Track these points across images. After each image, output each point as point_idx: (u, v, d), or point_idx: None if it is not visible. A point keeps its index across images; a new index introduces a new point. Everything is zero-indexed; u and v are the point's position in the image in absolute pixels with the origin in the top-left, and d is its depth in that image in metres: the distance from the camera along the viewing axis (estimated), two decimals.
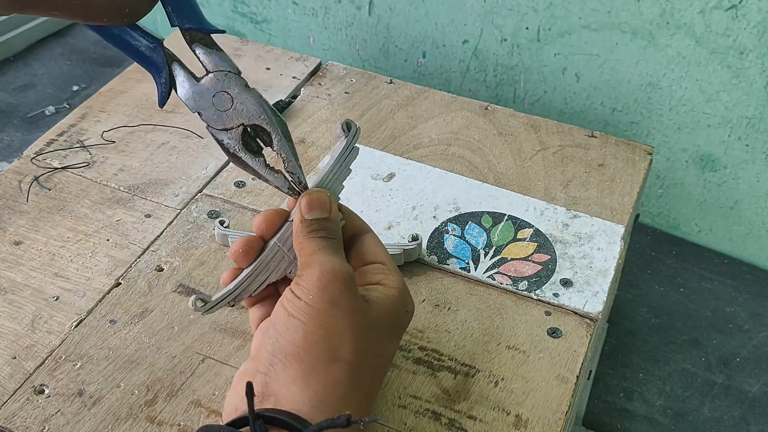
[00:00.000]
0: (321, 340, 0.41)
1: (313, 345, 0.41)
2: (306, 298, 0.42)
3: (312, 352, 0.41)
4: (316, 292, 0.42)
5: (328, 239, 0.46)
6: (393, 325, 0.46)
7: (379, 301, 0.45)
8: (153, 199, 0.67)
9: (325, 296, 0.42)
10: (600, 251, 0.63)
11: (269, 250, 0.47)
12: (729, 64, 0.85)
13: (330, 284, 0.42)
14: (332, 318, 0.42)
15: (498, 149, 0.73)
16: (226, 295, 0.47)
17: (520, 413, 0.52)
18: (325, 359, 0.41)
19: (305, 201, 0.47)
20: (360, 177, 0.70)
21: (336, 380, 0.41)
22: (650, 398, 0.83)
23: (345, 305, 0.42)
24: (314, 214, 0.46)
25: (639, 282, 0.95)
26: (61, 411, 0.51)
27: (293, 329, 0.42)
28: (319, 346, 0.41)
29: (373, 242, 0.49)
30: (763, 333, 0.90)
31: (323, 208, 0.47)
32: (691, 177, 0.96)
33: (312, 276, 0.43)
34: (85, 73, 1.19)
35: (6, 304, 0.58)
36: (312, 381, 0.41)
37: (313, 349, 0.41)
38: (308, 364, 0.41)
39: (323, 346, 0.41)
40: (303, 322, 0.42)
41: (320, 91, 0.81)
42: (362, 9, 1.04)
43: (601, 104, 0.96)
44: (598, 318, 0.58)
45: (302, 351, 0.41)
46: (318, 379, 0.41)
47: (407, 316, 0.48)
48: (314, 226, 0.46)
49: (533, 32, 0.94)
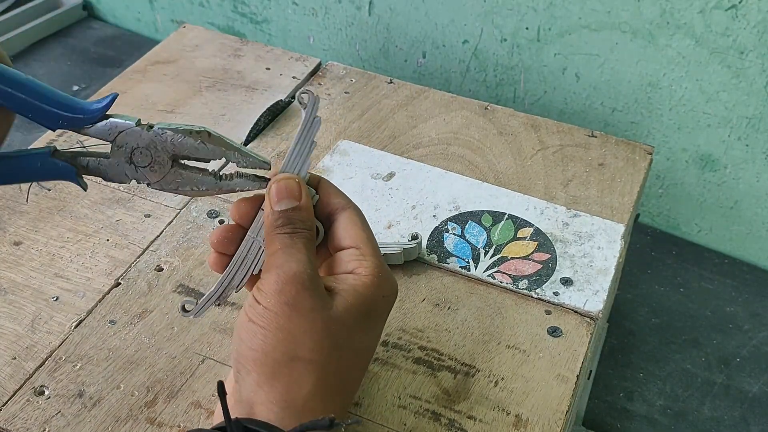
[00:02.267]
0: (280, 343, 0.41)
1: (272, 348, 0.41)
2: (264, 302, 0.42)
3: (272, 354, 0.41)
4: (273, 296, 0.42)
5: (292, 235, 0.44)
6: (365, 314, 0.44)
7: (347, 293, 0.43)
8: (152, 199, 0.67)
9: (281, 299, 0.41)
10: (600, 250, 0.63)
11: (245, 242, 0.46)
12: (729, 64, 0.85)
13: (286, 286, 0.42)
14: (289, 320, 0.41)
15: (498, 149, 0.73)
16: (211, 296, 0.47)
17: (520, 413, 0.52)
18: (285, 360, 0.41)
19: (273, 191, 0.45)
20: (360, 176, 0.70)
21: (299, 380, 0.41)
22: (650, 398, 0.83)
23: (302, 306, 0.42)
24: (283, 204, 0.44)
25: (639, 282, 0.95)
26: (61, 412, 0.51)
27: (253, 334, 0.42)
28: (278, 349, 0.41)
29: (349, 222, 0.46)
30: (763, 333, 0.90)
31: (292, 196, 0.44)
32: (691, 177, 0.96)
33: (269, 280, 0.42)
34: (85, 73, 1.19)
35: (6, 305, 0.58)
36: (276, 383, 0.41)
37: (273, 351, 0.41)
38: (270, 367, 0.41)
39: (283, 348, 0.41)
40: (262, 327, 0.41)
41: (320, 91, 0.81)
42: (362, 9, 1.04)
43: (601, 104, 0.96)
44: (598, 317, 0.58)
45: (263, 355, 0.41)
46: (281, 381, 0.41)
47: (385, 301, 0.46)
48: (280, 221, 0.44)
49: (533, 32, 0.94)
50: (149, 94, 0.79)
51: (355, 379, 0.46)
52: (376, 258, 0.45)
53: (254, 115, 0.75)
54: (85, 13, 1.33)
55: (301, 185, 0.45)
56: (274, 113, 0.77)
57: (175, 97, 0.79)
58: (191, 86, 0.81)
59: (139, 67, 0.84)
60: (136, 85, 0.81)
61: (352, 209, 0.47)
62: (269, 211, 0.44)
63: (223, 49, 0.86)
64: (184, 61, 0.85)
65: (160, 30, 1.29)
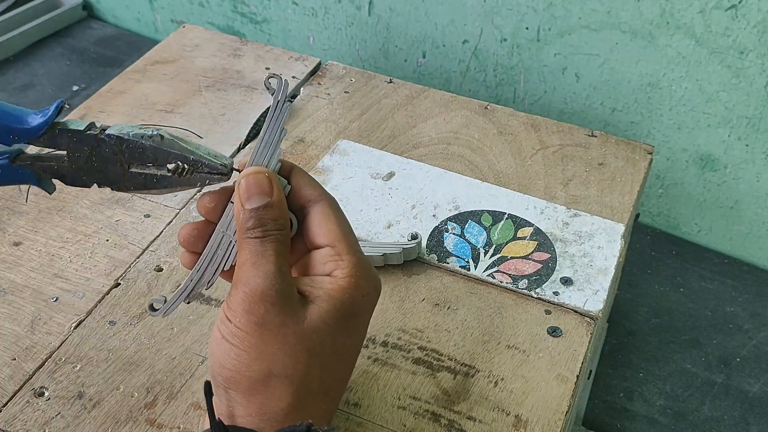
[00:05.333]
0: (253, 362, 0.40)
1: (246, 367, 0.40)
2: (235, 321, 0.40)
3: (246, 373, 0.40)
4: (242, 315, 0.40)
5: (263, 240, 0.42)
6: (344, 317, 0.42)
7: (322, 301, 0.42)
8: (152, 199, 0.67)
9: (251, 318, 0.40)
10: (600, 250, 0.63)
11: (213, 238, 0.44)
12: (729, 64, 0.85)
13: (254, 306, 0.40)
14: (261, 339, 0.40)
15: (498, 148, 0.73)
16: (180, 294, 0.45)
17: (519, 413, 0.51)
18: (261, 379, 0.40)
19: (243, 187, 0.42)
20: (360, 176, 0.70)
21: (277, 395, 0.40)
22: (650, 398, 0.83)
23: (272, 323, 0.40)
24: (254, 201, 0.41)
25: (639, 282, 0.95)
26: (61, 414, 0.51)
27: (226, 353, 0.40)
28: (252, 368, 0.40)
29: (323, 217, 0.43)
30: (763, 333, 0.90)
31: (262, 191, 0.42)
32: (691, 177, 0.96)
33: (237, 298, 0.41)
34: (85, 73, 1.19)
35: (5, 305, 0.58)
36: (253, 400, 0.40)
37: (247, 370, 0.40)
38: (245, 385, 0.40)
39: (257, 367, 0.40)
40: (234, 346, 0.40)
41: (320, 90, 0.81)
42: (362, 9, 1.04)
43: (601, 104, 0.96)
44: (598, 316, 0.58)
45: (237, 374, 0.40)
46: (258, 398, 0.40)
47: (365, 301, 0.43)
48: (250, 222, 0.41)
49: (533, 32, 0.94)
50: (149, 94, 0.79)
51: (341, 379, 0.44)
52: (353, 256, 0.43)
53: (254, 114, 0.75)
54: (85, 13, 1.33)
55: (272, 179, 0.42)
56: None
57: (174, 96, 0.79)
58: (191, 86, 0.81)
59: (138, 67, 0.83)
60: (135, 85, 0.81)
61: (326, 201, 0.44)
62: (239, 209, 0.42)
63: (223, 49, 0.86)
64: (183, 61, 0.85)
65: (159, 30, 1.29)
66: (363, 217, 0.65)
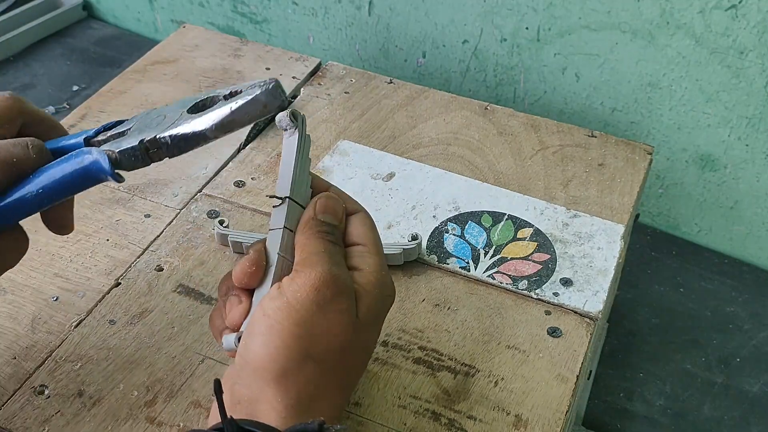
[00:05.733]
0: (296, 341, 0.40)
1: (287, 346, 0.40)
2: (291, 295, 0.41)
3: (285, 352, 0.40)
4: (305, 291, 0.41)
5: (335, 245, 0.45)
6: (376, 315, 0.45)
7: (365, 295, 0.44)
8: (152, 199, 0.67)
9: (313, 296, 0.41)
10: (600, 250, 0.63)
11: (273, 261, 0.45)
12: (729, 64, 0.85)
13: (324, 286, 0.41)
14: (312, 317, 0.41)
15: (498, 149, 0.73)
16: None
17: (520, 413, 0.51)
18: (298, 359, 0.40)
19: (321, 203, 0.46)
20: (360, 177, 0.70)
21: (309, 380, 0.41)
22: (650, 398, 0.83)
23: (333, 308, 0.41)
24: (327, 218, 0.46)
25: (639, 282, 0.95)
26: (61, 411, 0.51)
27: (269, 329, 0.40)
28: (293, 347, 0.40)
29: (361, 223, 0.47)
30: (763, 333, 0.90)
31: (335, 216, 0.46)
32: (691, 177, 0.96)
33: (309, 275, 0.42)
34: (85, 73, 1.19)
35: (6, 305, 0.58)
36: (284, 382, 0.40)
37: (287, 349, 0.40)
38: (281, 364, 0.40)
39: (298, 346, 0.40)
40: (278, 322, 0.40)
41: (320, 91, 0.81)
42: (362, 9, 1.04)
43: (601, 104, 0.96)
44: (598, 317, 0.58)
45: (275, 351, 0.40)
46: (290, 380, 0.40)
47: (389, 301, 0.46)
48: (324, 227, 0.45)
49: (533, 32, 0.94)
50: (149, 93, 0.79)
51: (356, 375, 0.46)
52: (379, 257, 0.46)
53: None
54: (85, 13, 1.33)
55: (343, 211, 0.47)
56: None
57: (175, 96, 0.79)
58: (191, 86, 0.81)
59: (138, 67, 0.84)
60: (135, 84, 0.81)
61: (365, 212, 0.48)
62: (312, 215, 0.46)
63: (223, 49, 0.87)
64: (184, 61, 0.85)
65: (160, 30, 1.29)
66: None
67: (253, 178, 0.69)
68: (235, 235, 0.62)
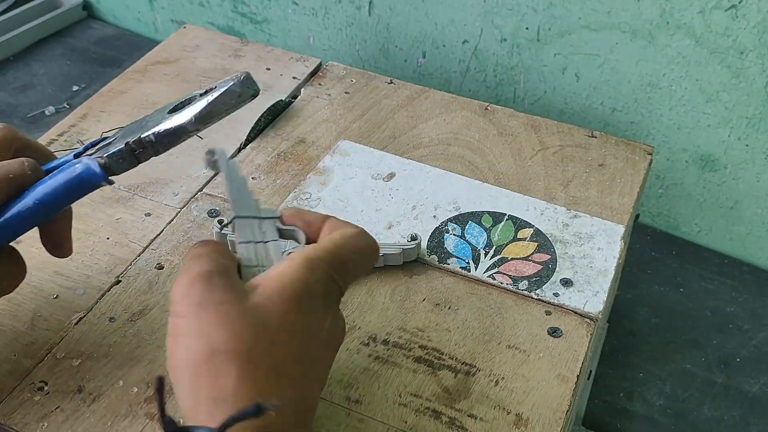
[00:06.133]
0: (194, 342, 0.39)
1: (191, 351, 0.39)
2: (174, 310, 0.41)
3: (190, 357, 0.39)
4: (181, 300, 0.41)
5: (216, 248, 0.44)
6: (296, 296, 0.42)
7: (269, 280, 0.42)
8: (153, 198, 0.67)
9: (189, 300, 0.40)
10: (600, 251, 0.63)
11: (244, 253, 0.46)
12: (729, 64, 0.85)
13: (191, 287, 0.41)
14: (198, 318, 0.40)
15: (498, 149, 0.73)
16: None
17: (520, 412, 0.52)
18: (204, 358, 0.39)
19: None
20: (360, 177, 0.70)
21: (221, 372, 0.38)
22: (650, 398, 0.83)
23: (211, 300, 0.40)
24: None
25: (639, 282, 0.95)
26: (60, 407, 0.51)
27: (173, 346, 0.41)
28: (195, 349, 0.39)
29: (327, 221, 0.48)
30: (763, 333, 0.90)
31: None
32: (691, 177, 0.96)
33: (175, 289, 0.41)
34: (85, 73, 1.19)
35: (5, 302, 0.58)
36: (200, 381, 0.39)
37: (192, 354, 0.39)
38: (191, 369, 0.39)
39: (198, 346, 0.39)
40: (175, 336, 0.40)
41: (320, 91, 0.81)
42: (362, 9, 1.05)
43: (601, 104, 0.96)
44: (598, 317, 0.58)
45: (183, 362, 0.39)
46: (203, 378, 0.39)
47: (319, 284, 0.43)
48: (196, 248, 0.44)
49: (533, 32, 0.94)
50: (149, 94, 0.79)
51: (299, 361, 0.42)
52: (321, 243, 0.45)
53: (254, 115, 0.75)
54: (85, 13, 1.33)
55: None
56: (274, 113, 0.77)
57: (175, 97, 0.79)
58: (191, 86, 0.81)
59: (139, 67, 0.84)
60: (136, 85, 0.81)
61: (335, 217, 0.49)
62: None
63: (224, 49, 0.87)
64: (184, 61, 0.85)
65: (160, 30, 1.29)
66: (364, 217, 0.65)
67: (253, 177, 0.69)
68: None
